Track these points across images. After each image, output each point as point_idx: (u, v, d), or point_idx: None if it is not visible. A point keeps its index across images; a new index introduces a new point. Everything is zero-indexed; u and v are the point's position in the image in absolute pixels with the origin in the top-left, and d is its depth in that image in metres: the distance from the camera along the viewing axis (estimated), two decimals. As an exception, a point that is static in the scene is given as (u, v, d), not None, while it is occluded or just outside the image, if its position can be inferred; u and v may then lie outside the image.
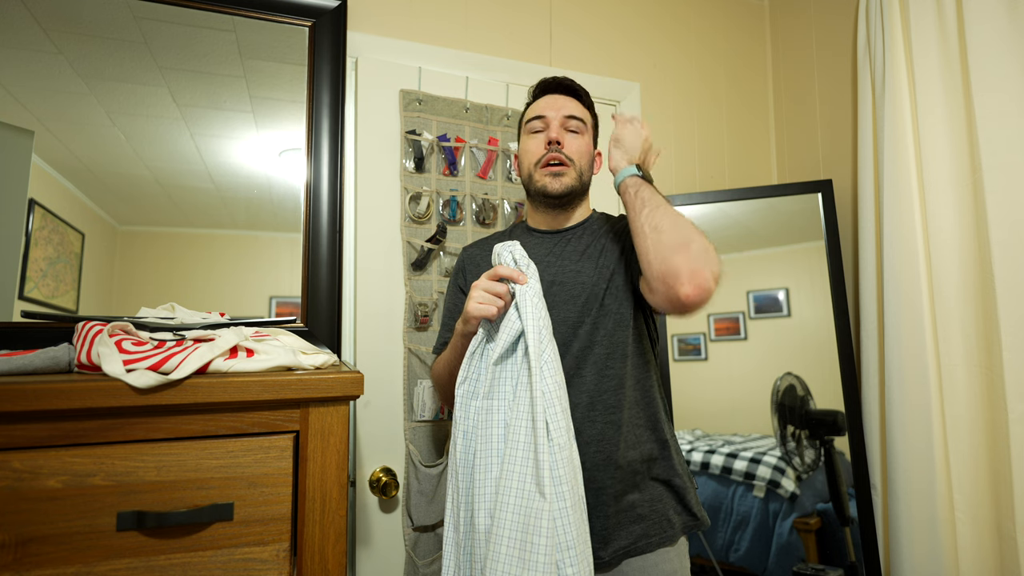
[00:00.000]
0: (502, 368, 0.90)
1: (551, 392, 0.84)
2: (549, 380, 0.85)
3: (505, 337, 0.88)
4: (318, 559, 0.77)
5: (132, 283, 1.17)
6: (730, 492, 1.62)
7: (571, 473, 0.83)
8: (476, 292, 0.92)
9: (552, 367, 0.86)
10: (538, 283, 0.91)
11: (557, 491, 0.80)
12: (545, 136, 1.08)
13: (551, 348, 0.88)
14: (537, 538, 0.78)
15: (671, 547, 0.99)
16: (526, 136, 1.12)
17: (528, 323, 0.86)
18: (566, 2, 1.72)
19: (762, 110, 2.01)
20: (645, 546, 0.97)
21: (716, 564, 1.59)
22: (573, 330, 1.01)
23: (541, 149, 1.08)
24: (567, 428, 0.85)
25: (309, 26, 1.35)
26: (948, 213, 1.37)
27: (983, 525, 1.31)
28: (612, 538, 0.96)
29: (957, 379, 1.35)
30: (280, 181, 1.31)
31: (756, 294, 1.69)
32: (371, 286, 1.39)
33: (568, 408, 0.88)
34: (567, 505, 0.80)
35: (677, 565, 0.99)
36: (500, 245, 0.96)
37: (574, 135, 1.09)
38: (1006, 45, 1.29)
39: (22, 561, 0.66)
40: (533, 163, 1.08)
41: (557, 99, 1.11)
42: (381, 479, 1.32)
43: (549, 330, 0.89)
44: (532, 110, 1.13)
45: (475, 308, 0.91)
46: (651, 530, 0.98)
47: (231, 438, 0.75)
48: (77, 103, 1.17)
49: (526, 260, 0.92)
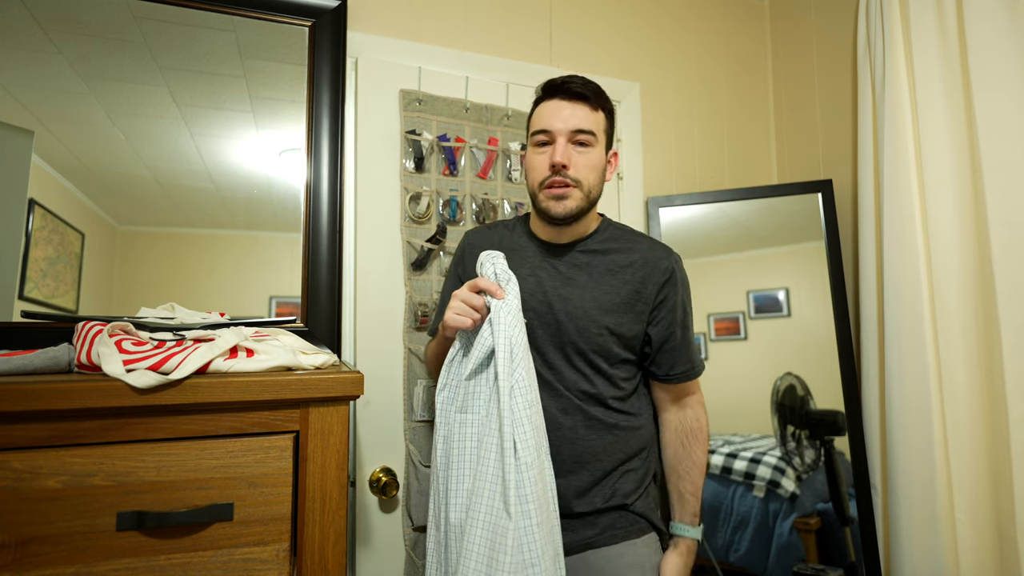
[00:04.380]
0: (475, 383, 0.91)
1: (520, 412, 0.85)
2: (519, 399, 0.86)
3: (478, 353, 0.89)
4: (318, 559, 0.77)
5: (132, 283, 1.17)
6: (730, 492, 1.62)
7: (539, 491, 0.84)
8: (454, 302, 0.93)
9: (523, 386, 0.87)
10: (517, 299, 0.91)
11: (523, 510, 0.82)
12: (550, 157, 1.01)
13: (524, 365, 0.88)
14: (503, 555, 0.80)
15: (637, 539, 1.02)
16: (532, 147, 1.05)
17: (500, 341, 0.87)
18: (566, 2, 1.72)
19: (762, 110, 2.01)
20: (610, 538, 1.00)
21: (716, 564, 1.59)
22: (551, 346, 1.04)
23: (546, 169, 1.01)
24: (536, 447, 0.86)
25: (309, 26, 1.35)
26: (948, 213, 1.37)
27: (983, 525, 1.31)
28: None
29: (957, 379, 1.34)
30: (280, 181, 1.31)
31: (756, 294, 1.69)
32: (371, 286, 1.38)
33: (539, 425, 0.89)
34: (533, 523, 0.82)
35: (643, 559, 1.01)
36: (485, 255, 0.96)
37: (582, 150, 1.02)
38: (1006, 45, 1.29)
39: (22, 561, 0.66)
40: (537, 182, 1.03)
41: (563, 107, 1.02)
42: (381, 479, 1.32)
43: (523, 347, 0.89)
44: (538, 119, 1.05)
45: (451, 319, 0.92)
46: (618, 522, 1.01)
47: (231, 438, 0.75)
48: (77, 103, 1.17)
49: (507, 275, 0.93)
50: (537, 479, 0.84)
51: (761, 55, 2.03)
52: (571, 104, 1.02)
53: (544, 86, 1.07)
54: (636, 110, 1.76)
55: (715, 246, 1.74)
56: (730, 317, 1.70)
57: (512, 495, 0.82)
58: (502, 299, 0.89)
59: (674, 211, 1.74)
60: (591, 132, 1.02)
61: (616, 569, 0.98)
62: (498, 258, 0.95)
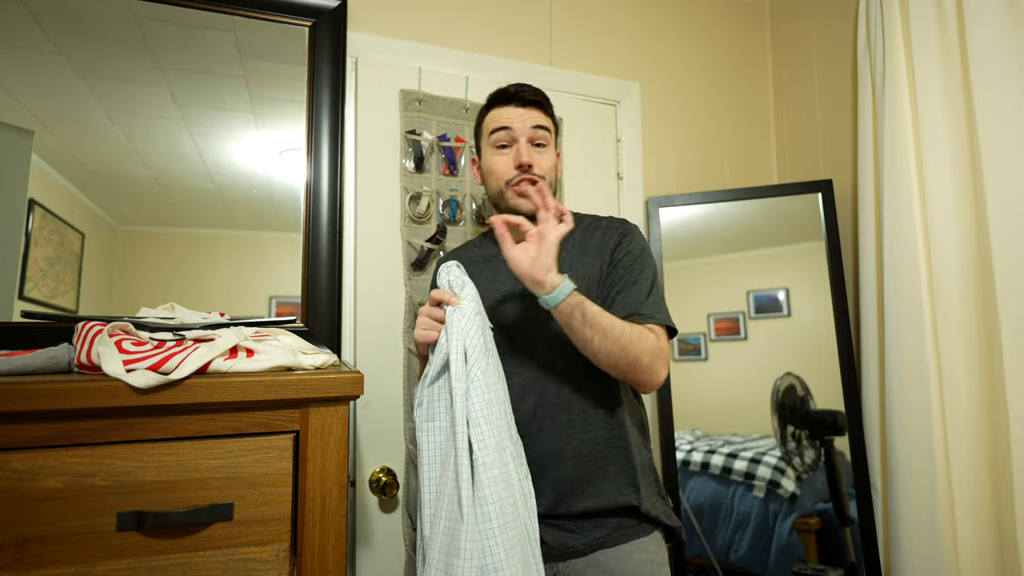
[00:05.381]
0: (436, 390, 0.90)
1: (477, 411, 0.83)
2: (476, 399, 0.84)
3: (437, 360, 0.89)
4: (318, 559, 0.77)
5: (132, 283, 1.17)
6: (730, 492, 1.62)
7: (501, 492, 0.80)
8: (420, 319, 0.94)
9: (480, 386, 0.85)
10: (473, 301, 0.91)
11: (482, 511, 0.79)
12: (515, 158, 1.06)
13: (480, 365, 0.86)
14: (456, 560, 0.77)
15: (646, 537, 1.01)
16: (491, 149, 1.10)
17: (453, 344, 0.86)
18: (566, 2, 1.72)
19: (762, 110, 2.01)
20: (620, 537, 0.99)
21: (716, 564, 1.59)
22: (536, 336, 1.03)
23: (511, 170, 1.06)
24: (497, 446, 0.82)
25: (309, 26, 1.35)
26: (948, 213, 1.37)
27: (983, 525, 1.31)
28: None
29: (957, 379, 1.34)
30: (280, 181, 1.31)
31: (756, 294, 1.69)
32: (371, 286, 1.39)
33: (503, 425, 0.86)
34: (494, 525, 0.78)
35: (652, 555, 1.01)
36: (441, 268, 0.97)
37: (541, 149, 1.08)
38: (1006, 44, 1.29)
39: (22, 561, 0.66)
40: (504, 182, 1.08)
41: (519, 111, 1.08)
42: (381, 479, 1.32)
43: (480, 347, 0.88)
44: (495, 118, 1.09)
45: (419, 335, 0.93)
46: (627, 522, 1.01)
47: (231, 438, 0.75)
48: (77, 103, 1.17)
49: (460, 281, 0.93)
50: (499, 479, 0.80)
51: (761, 55, 2.03)
52: (526, 109, 1.09)
53: (494, 96, 1.12)
54: (636, 110, 1.76)
55: (715, 246, 1.74)
56: (730, 317, 1.70)
57: (465, 495, 0.78)
58: (455, 305, 0.90)
59: (674, 211, 1.74)
60: (547, 129, 1.09)
61: (626, 568, 0.98)
62: (450, 268, 0.95)
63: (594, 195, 1.67)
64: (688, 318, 1.70)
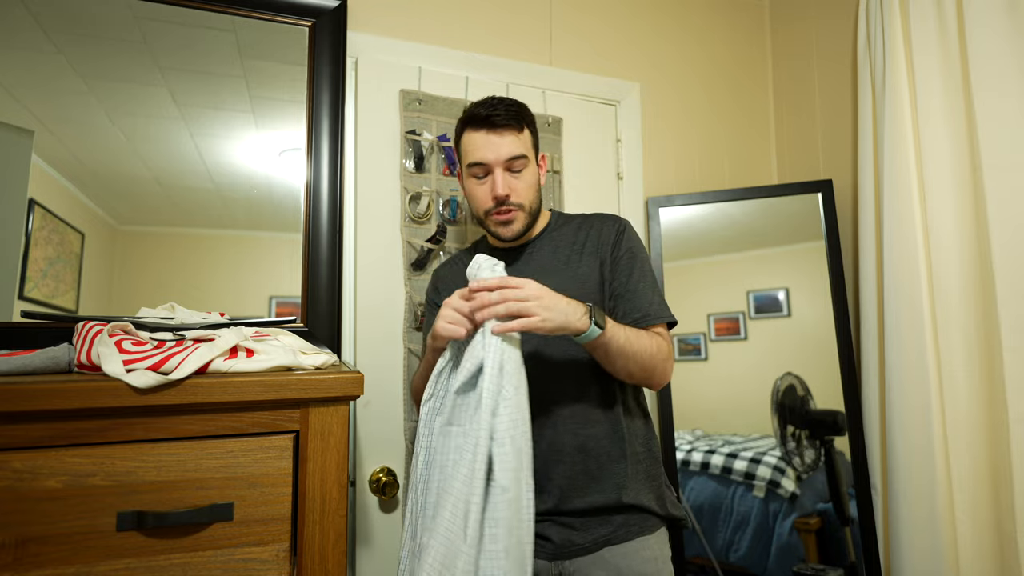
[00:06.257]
0: (463, 398, 0.86)
1: (503, 432, 0.79)
2: (504, 418, 0.79)
3: (469, 366, 0.84)
4: (318, 559, 0.77)
5: (132, 283, 1.17)
6: (730, 492, 1.62)
7: (511, 517, 0.77)
8: (446, 311, 0.89)
9: (510, 404, 0.80)
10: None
11: (491, 533, 0.76)
12: (491, 190, 1.06)
13: (513, 383, 0.82)
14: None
15: (651, 535, 1.01)
16: (470, 178, 1.10)
17: (490, 354, 0.82)
18: (566, 2, 1.72)
19: (762, 110, 2.01)
20: (626, 534, 0.99)
21: (716, 564, 1.59)
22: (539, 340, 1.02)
23: (488, 200, 1.07)
24: (515, 470, 0.79)
25: (309, 26, 1.35)
26: (948, 213, 1.37)
27: (983, 525, 1.31)
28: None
29: (957, 379, 1.34)
30: (280, 181, 1.31)
31: (756, 294, 1.69)
32: (371, 286, 1.38)
33: (525, 449, 0.82)
34: (500, 548, 0.76)
35: (657, 552, 1.01)
36: (483, 258, 0.91)
37: (517, 175, 1.07)
38: (1006, 45, 1.29)
39: (22, 561, 0.66)
40: (483, 211, 1.09)
41: (491, 139, 1.06)
42: (381, 479, 1.32)
43: (516, 362, 0.84)
44: (470, 151, 1.08)
45: (443, 328, 0.88)
46: (632, 519, 1.01)
47: (231, 438, 0.75)
48: (77, 103, 1.17)
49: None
50: (512, 503, 0.77)
51: (761, 55, 2.03)
52: (499, 135, 1.06)
53: (469, 117, 1.10)
54: (636, 110, 1.76)
55: (715, 246, 1.74)
56: (730, 317, 1.70)
57: (473, 517, 0.75)
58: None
59: (674, 211, 1.74)
60: (523, 156, 1.07)
61: (633, 565, 0.98)
62: (498, 265, 0.90)
63: (594, 195, 1.67)
64: (688, 318, 1.70)
